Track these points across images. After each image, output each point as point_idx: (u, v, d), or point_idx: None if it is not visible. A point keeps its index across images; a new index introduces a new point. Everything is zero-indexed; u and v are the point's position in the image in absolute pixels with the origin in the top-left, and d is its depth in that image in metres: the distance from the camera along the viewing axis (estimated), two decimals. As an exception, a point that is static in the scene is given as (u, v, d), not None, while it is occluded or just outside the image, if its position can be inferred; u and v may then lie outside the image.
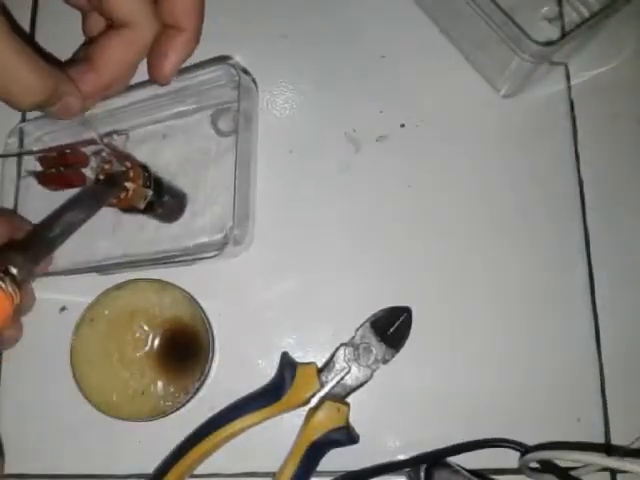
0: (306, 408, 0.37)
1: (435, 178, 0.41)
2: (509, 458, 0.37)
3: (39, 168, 0.39)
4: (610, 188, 0.41)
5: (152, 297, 0.39)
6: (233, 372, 0.39)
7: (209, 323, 0.38)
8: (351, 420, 0.37)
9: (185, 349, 0.38)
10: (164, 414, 0.37)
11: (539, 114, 0.42)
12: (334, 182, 0.41)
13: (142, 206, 0.36)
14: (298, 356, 0.39)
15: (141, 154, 0.39)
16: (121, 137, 0.39)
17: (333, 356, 0.38)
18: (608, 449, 0.38)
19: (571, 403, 0.38)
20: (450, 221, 0.41)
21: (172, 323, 0.39)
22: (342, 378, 0.37)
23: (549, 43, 0.35)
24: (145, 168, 0.37)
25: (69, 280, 0.40)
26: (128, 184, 0.35)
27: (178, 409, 0.37)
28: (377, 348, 0.38)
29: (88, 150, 0.38)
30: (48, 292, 0.41)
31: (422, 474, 0.36)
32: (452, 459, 0.37)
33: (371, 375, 0.38)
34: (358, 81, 0.43)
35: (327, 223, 0.41)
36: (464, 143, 0.42)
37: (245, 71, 0.40)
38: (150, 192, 0.36)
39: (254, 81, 0.41)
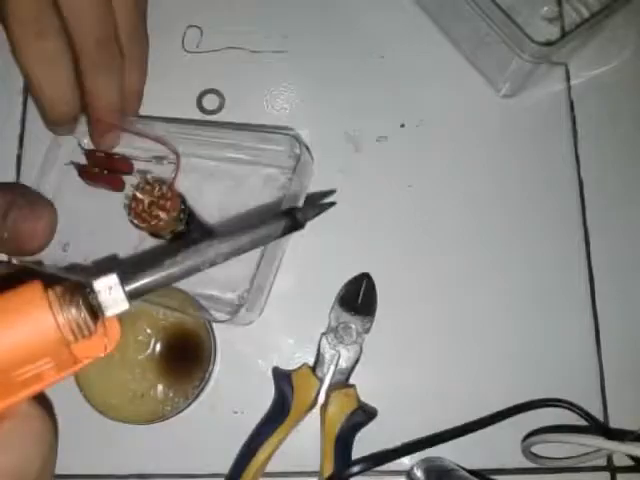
0: (318, 408, 0.38)
1: (435, 178, 0.41)
2: (509, 458, 0.37)
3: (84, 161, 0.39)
4: (610, 188, 0.41)
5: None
6: (233, 372, 0.39)
7: (212, 330, 0.38)
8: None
9: (187, 354, 0.38)
10: (163, 418, 0.37)
11: (539, 114, 0.42)
12: (334, 182, 0.41)
13: (168, 237, 0.36)
14: (298, 356, 0.39)
15: (182, 184, 0.38)
16: (171, 164, 0.38)
17: (319, 348, 0.38)
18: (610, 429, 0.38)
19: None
20: (450, 221, 0.41)
21: (175, 327, 0.38)
22: (337, 365, 0.38)
23: (549, 43, 0.35)
24: (183, 201, 0.36)
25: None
26: (162, 213, 0.34)
27: (177, 414, 0.37)
28: (354, 322, 0.38)
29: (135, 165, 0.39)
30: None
31: (420, 474, 0.36)
32: (451, 459, 0.37)
33: (360, 349, 0.38)
34: (358, 81, 0.43)
35: (326, 223, 0.41)
36: (464, 143, 0.42)
37: (306, 147, 0.39)
38: (182, 227, 0.36)
39: (311, 156, 0.39)
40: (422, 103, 0.42)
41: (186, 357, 0.38)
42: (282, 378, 0.38)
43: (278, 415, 0.37)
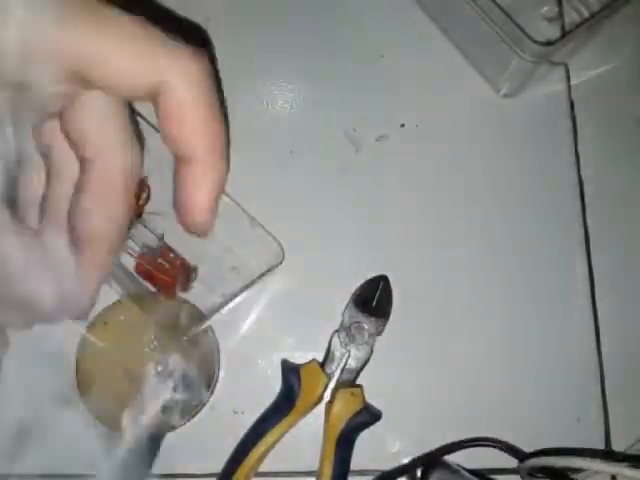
0: (323, 404, 0.38)
1: (435, 178, 0.41)
2: (509, 458, 0.37)
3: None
4: (610, 188, 0.41)
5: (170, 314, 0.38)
6: (233, 372, 0.39)
7: (219, 356, 0.38)
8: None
9: None
10: None
11: (539, 114, 0.42)
12: (334, 182, 0.41)
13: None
14: (298, 356, 0.39)
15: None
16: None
17: (330, 345, 0.38)
18: (607, 451, 0.37)
19: (571, 403, 0.38)
20: (450, 221, 0.41)
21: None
22: (345, 363, 0.38)
23: (549, 43, 0.35)
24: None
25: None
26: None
27: (169, 432, 0.37)
28: (368, 323, 0.38)
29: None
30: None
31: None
32: (452, 458, 0.37)
33: (371, 350, 0.38)
34: (358, 81, 0.43)
35: (327, 223, 0.41)
36: (464, 143, 0.42)
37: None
38: None
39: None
40: (422, 103, 0.42)
41: None
42: (290, 371, 0.38)
43: (282, 408, 0.37)
